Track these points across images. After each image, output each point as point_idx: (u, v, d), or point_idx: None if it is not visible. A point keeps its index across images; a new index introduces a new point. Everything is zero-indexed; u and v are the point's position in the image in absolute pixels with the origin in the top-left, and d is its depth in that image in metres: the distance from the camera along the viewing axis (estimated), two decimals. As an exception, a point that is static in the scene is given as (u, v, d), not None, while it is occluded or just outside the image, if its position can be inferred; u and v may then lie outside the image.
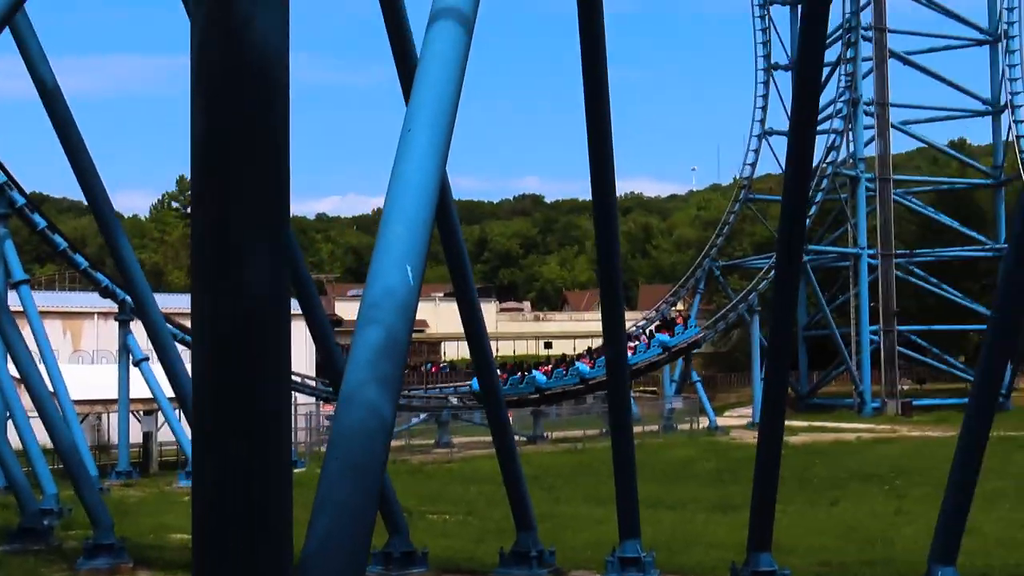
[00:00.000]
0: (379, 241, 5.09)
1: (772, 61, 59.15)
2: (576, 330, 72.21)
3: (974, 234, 56.97)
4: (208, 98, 3.33)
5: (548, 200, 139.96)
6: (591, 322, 75.23)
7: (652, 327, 47.32)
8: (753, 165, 59.07)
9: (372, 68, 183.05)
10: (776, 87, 58.95)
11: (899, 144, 58.01)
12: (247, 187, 3.34)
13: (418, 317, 6.76)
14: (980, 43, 57.32)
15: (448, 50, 5.73)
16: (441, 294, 73.00)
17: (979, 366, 10.57)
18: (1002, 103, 55.84)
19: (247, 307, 3.26)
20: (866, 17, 54.28)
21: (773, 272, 9.47)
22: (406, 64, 10.97)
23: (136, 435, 32.04)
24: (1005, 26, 55.49)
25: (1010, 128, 55.61)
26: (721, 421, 46.30)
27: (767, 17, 59.12)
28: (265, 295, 3.26)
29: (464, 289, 12.81)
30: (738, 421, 48.12)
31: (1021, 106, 54.92)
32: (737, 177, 64.30)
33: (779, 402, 11.27)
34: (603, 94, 10.55)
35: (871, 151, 55.69)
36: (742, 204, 58.85)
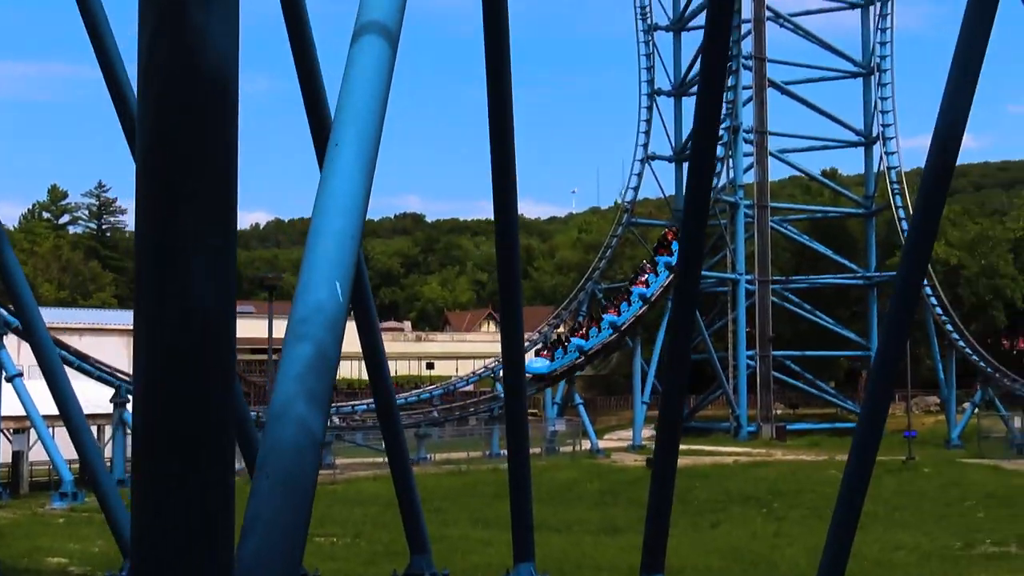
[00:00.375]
0: (307, 257, 4.97)
1: (656, 87, 60.05)
2: (458, 351, 72.04)
3: (846, 262, 58.66)
4: (157, 106, 3.19)
5: (429, 219, 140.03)
6: (473, 343, 75.25)
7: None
8: (636, 189, 59.90)
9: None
10: (659, 112, 59.91)
11: (774, 172, 59.51)
12: (196, 197, 3.20)
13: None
14: (854, 75, 59.15)
15: (373, 65, 5.63)
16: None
17: (867, 390, 10.77)
18: (874, 134, 57.64)
19: (193, 319, 3.11)
20: (747, 46, 55.58)
21: (673, 292, 9.47)
22: (311, 82, 10.84)
23: (5, 455, 30.91)
24: (878, 60, 57.34)
25: (882, 159, 57.43)
26: (603, 443, 46.68)
27: (651, 43, 60.05)
28: (212, 307, 3.12)
29: (365, 309, 12.65)
30: (619, 444, 48.59)
31: (892, 138, 56.73)
32: (618, 201, 65.17)
33: (675, 424, 11.28)
34: (507, 112, 10.49)
35: (749, 178, 56.95)
36: (624, 228, 59.56)
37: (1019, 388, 50.87)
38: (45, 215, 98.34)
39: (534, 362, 46.92)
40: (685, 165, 60.35)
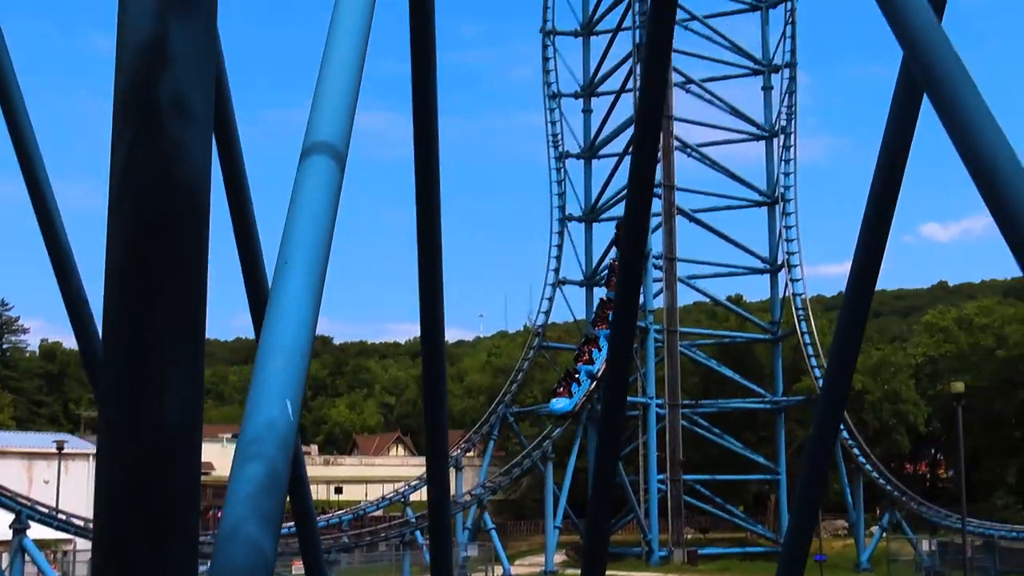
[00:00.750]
0: (257, 375, 4.80)
1: (567, 212, 60.96)
2: (367, 475, 70.94)
3: (754, 386, 59.40)
4: (130, 222, 3.12)
5: (336, 341, 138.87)
6: (382, 467, 74.27)
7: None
8: (547, 313, 60.39)
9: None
10: (570, 237, 60.73)
11: (681, 297, 60.59)
12: (167, 314, 3.11)
13: (204, 459, 6.47)
14: (760, 204, 60.73)
15: (322, 184, 5.57)
16: (228, 435, 70.82)
17: (791, 518, 10.76)
18: (779, 262, 59.00)
19: (160, 437, 2.99)
20: (656, 174, 56.67)
21: (600, 409, 9.35)
22: (243, 215, 10.76)
23: None
24: (782, 189, 59.02)
25: (787, 285, 58.73)
26: (515, 569, 46.06)
27: (563, 170, 61.17)
28: (179, 423, 3.00)
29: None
30: (531, 569, 47.93)
31: (797, 265, 58.15)
32: (527, 324, 65.51)
33: (601, 548, 11.05)
34: (436, 236, 10.39)
35: (659, 303, 57.71)
36: (536, 351, 59.78)
37: (925, 511, 51.55)
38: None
39: (557, 402, 50.53)
40: (595, 289, 61.60)
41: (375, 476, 67.08)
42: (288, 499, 3.78)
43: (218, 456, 70.04)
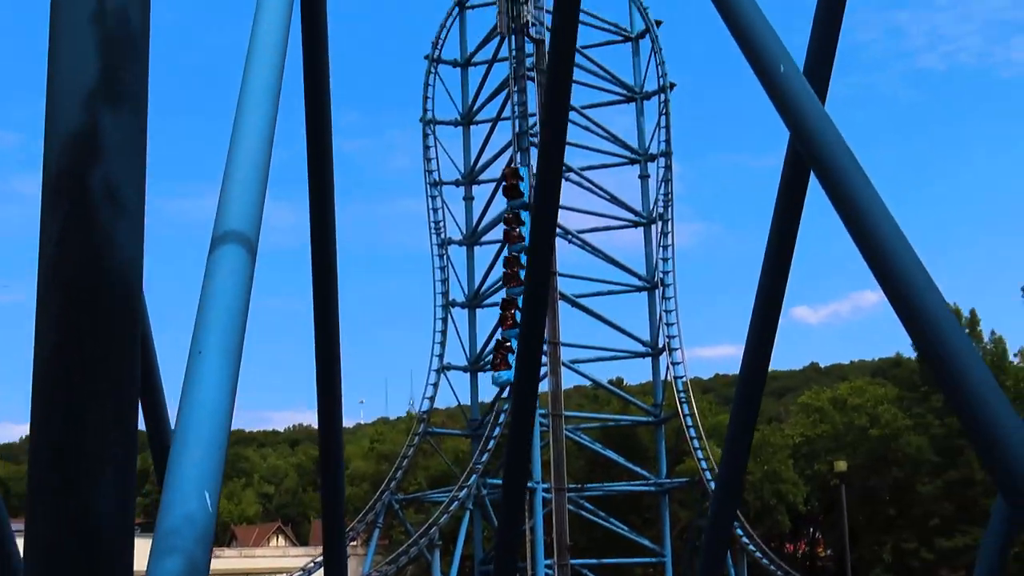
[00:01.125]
0: (172, 467, 4.81)
1: (450, 298, 61.21)
2: (248, 567, 69.24)
3: (638, 469, 59.87)
4: (59, 314, 3.15)
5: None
6: (262, 558, 72.53)
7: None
8: (431, 399, 60.18)
9: None
10: (454, 323, 60.90)
11: (564, 380, 61.10)
12: (97, 408, 3.14)
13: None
14: (640, 289, 61.75)
15: (233, 272, 5.61)
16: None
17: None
18: (660, 345, 59.92)
19: (90, 536, 3.02)
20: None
21: (501, 498, 9.45)
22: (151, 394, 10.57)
23: None
24: (661, 275, 60.19)
25: (668, 369, 59.60)
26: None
27: (445, 256, 61.55)
28: (110, 525, 3.03)
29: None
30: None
31: (677, 349, 59.13)
32: (411, 411, 65.22)
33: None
34: (333, 317, 10.35)
35: (543, 387, 58.02)
36: (420, 437, 59.47)
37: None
38: None
39: (500, 376, 51.76)
40: (480, 375, 61.67)
41: (256, 568, 65.51)
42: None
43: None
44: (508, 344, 52.09)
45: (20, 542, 3.64)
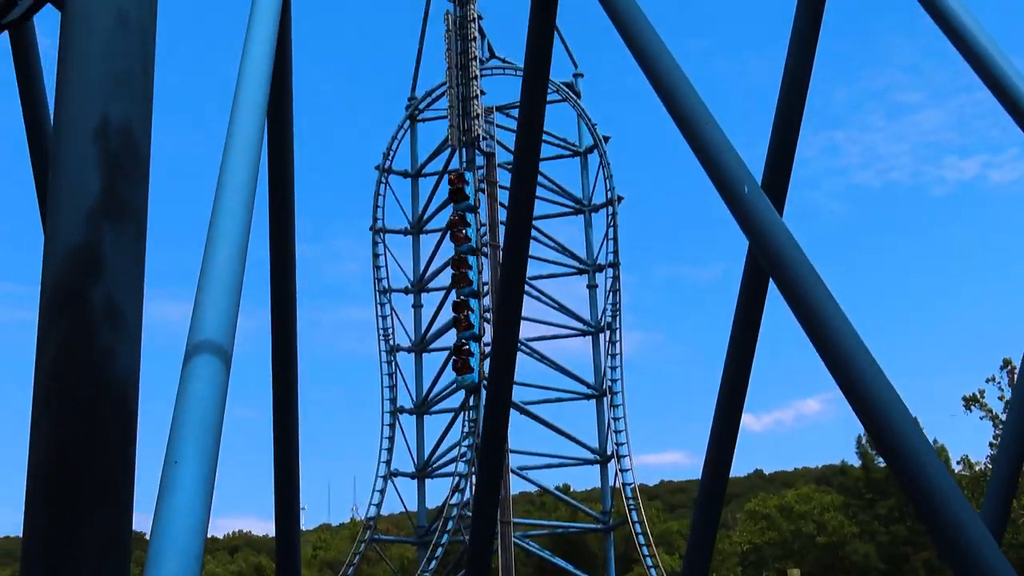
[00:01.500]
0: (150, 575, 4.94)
1: (398, 405, 61.00)
2: None
3: (586, 576, 59.43)
4: (55, 427, 3.27)
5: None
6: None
7: None
8: (378, 506, 59.56)
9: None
10: (401, 430, 60.59)
11: (511, 487, 60.74)
12: (92, 530, 3.27)
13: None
14: (588, 397, 61.86)
15: (208, 381, 5.75)
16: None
17: None
18: (608, 453, 59.89)
19: None
20: (488, 368, 57.55)
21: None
22: None
23: None
24: (609, 383, 60.44)
25: (616, 475, 59.47)
26: None
27: (394, 363, 61.50)
28: None
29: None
30: None
31: (626, 456, 59.10)
32: (355, 517, 64.40)
33: None
34: (293, 423, 10.47)
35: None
36: (366, 545, 58.69)
37: None
38: None
39: (464, 379, 53.21)
40: (428, 481, 61.25)
41: None
42: None
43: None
44: (466, 347, 53.55)
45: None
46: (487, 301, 57.30)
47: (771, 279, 6.37)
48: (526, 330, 62.13)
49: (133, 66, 3.76)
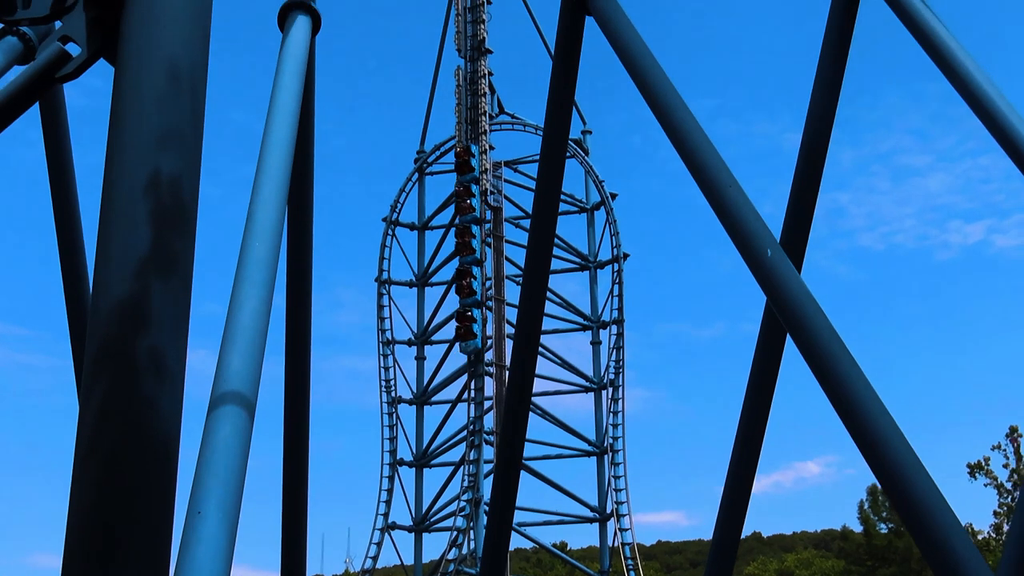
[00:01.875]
0: None
1: (398, 456, 60.79)
2: None
3: (583, 636, 58.84)
4: (97, 481, 3.26)
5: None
6: None
7: None
8: (375, 559, 59.12)
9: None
10: (400, 482, 60.32)
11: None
12: (131, 565, 3.26)
13: None
14: (589, 454, 61.63)
15: (233, 433, 5.75)
16: None
17: None
18: (608, 511, 59.55)
19: None
20: (488, 422, 57.55)
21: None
22: None
23: None
24: (611, 440, 60.23)
25: (616, 534, 59.09)
26: None
27: (395, 415, 61.37)
28: None
29: None
30: None
31: (626, 515, 58.78)
32: (349, 569, 63.84)
33: None
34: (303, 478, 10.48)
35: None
36: (363, 598, 58.23)
37: None
38: None
39: (467, 345, 54.35)
40: (425, 535, 60.87)
41: None
42: None
43: None
44: (468, 313, 54.51)
45: None
46: (489, 355, 57.31)
47: (788, 337, 6.40)
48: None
49: (184, 120, 3.81)
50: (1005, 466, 54.13)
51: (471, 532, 55.91)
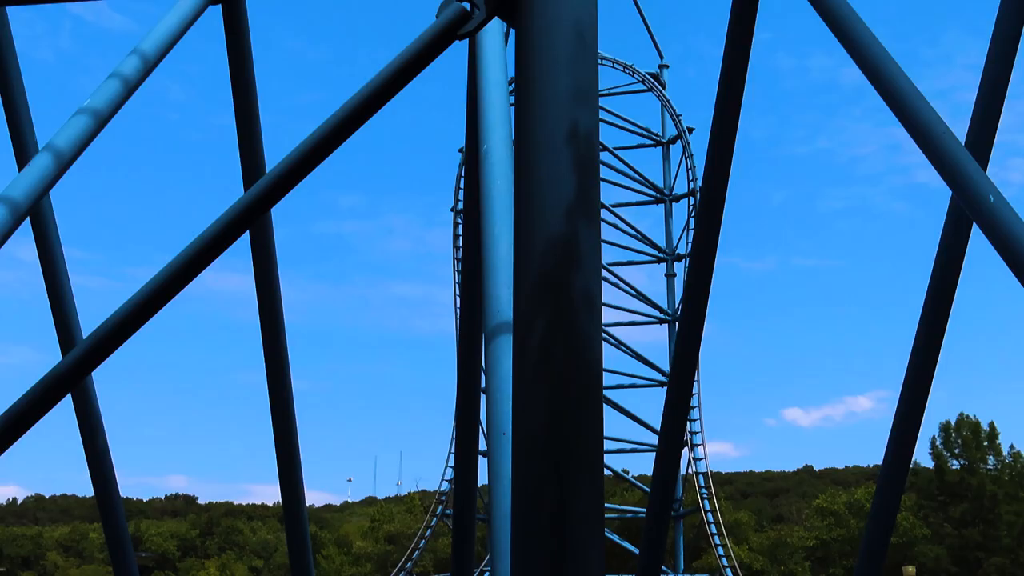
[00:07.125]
0: None
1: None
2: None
3: (653, 563, 59.69)
4: (543, 404, 3.69)
5: (202, 501, 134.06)
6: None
7: None
8: (451, 481, 60.16)
9: None
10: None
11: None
12: (579, 482, 3.71)
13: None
14: (662, 384, 61.95)
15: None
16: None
17: None
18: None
19: None
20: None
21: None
22: None
23: None
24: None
25: (690, 463, 59.64)
26: None
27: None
28: None
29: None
30: None
31: (699, 444, 59.38)
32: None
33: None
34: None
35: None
36: (439, 519, 59.39)
37: None
38: None
39: None
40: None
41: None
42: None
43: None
44: None
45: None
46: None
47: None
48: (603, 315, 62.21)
49: (590, 78, 4.19)
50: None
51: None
